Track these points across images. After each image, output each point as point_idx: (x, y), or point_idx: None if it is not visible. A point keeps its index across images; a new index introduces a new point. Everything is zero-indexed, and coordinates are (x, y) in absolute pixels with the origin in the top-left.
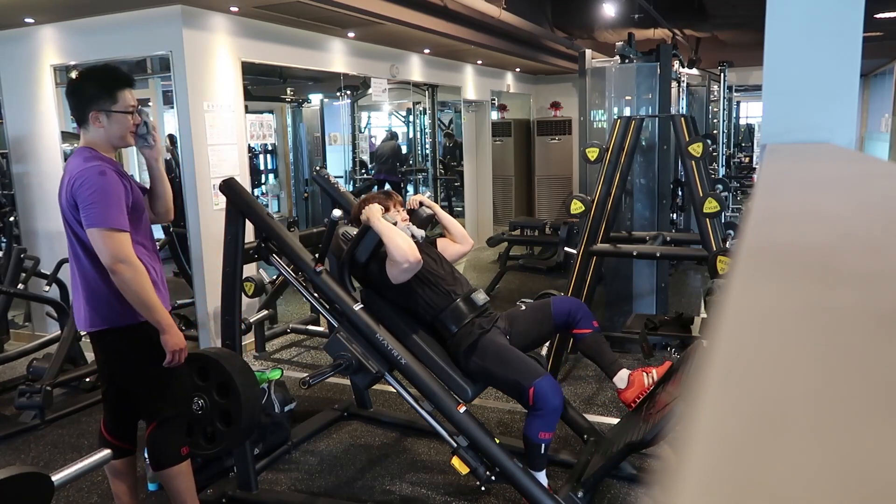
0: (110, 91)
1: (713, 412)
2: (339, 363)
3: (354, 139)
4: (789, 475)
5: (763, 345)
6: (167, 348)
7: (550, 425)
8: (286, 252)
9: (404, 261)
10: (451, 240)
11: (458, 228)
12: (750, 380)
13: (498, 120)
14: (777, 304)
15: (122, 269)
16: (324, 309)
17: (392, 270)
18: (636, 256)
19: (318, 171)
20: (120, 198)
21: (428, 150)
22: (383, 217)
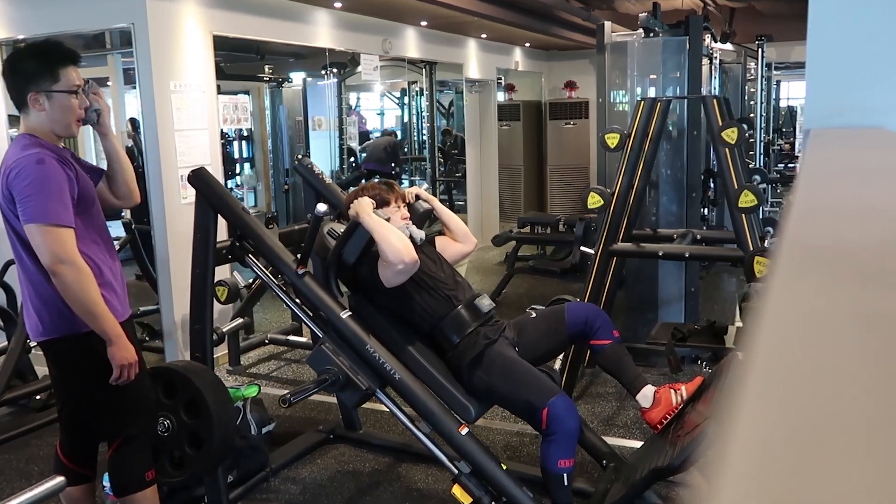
0: (51, 69)
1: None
2: (323, 378)
3: (342, 124)
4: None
5: (806, 357)
6: (114, 362)
7: (569, 450)
8: (264, 252)
9: (398, 261)
10: (451, 238)
11: (459, 225)
12: (792, 396)
13: (505, 102)
14: (822, 311)
15: (64, 271)
16: (306, 317)
17: (385, 272)
18: (662, 257)
19: (301, 159)
20: (62, 189)
21: (425, 137)
22: (374, 212)
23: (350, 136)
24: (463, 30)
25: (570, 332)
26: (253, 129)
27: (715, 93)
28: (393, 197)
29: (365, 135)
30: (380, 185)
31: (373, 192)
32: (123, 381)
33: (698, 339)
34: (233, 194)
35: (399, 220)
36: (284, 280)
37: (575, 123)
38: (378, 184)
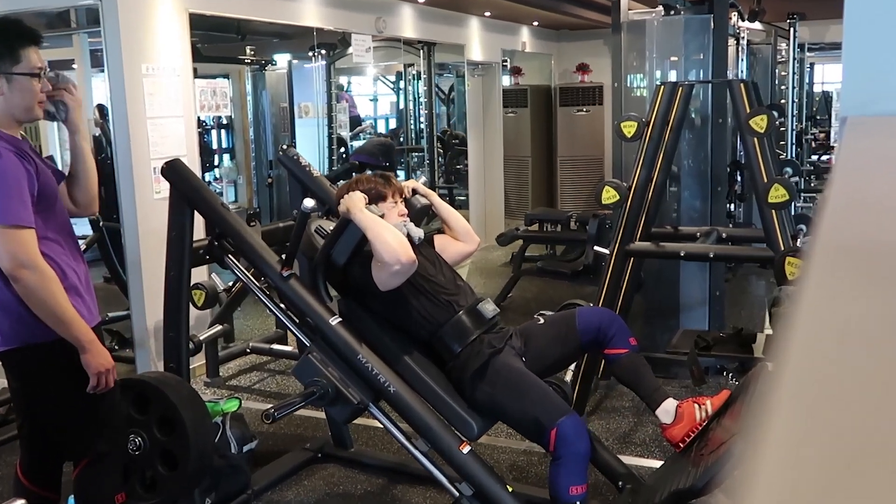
0: (11, 49)
1: (781, 453)
2: (311, 391)
3: (331, 111)
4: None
5: (843, 368)
6: (89, 370)
7: (580, 475)
8: (245, 252)
9: (394, 262)
10: (451, 237)
11: (460, 223)
12: (827, 412)
13: (511, 87)
14: (860, 317)
15: (26, 276)
16: (292, 323)
17: (379, 274)
18: (684, 258)
19: (285, 150)
20: (20, 186)
21: (423, 125)
22: (367, 208)
23: (340, 125)
24: (464, 7)
25: (582, 339)
26: (233, 117)
27: (742, 76)
28: (389, 191)
29: (356, 120)
30: (375, 178)
31: (367, 185)
32: (102, 388)
33: (724, 348)
34: (211, 188)
35: (395, 217)
36: (268, 283)
37: (588, 110)
38: (373, 176)
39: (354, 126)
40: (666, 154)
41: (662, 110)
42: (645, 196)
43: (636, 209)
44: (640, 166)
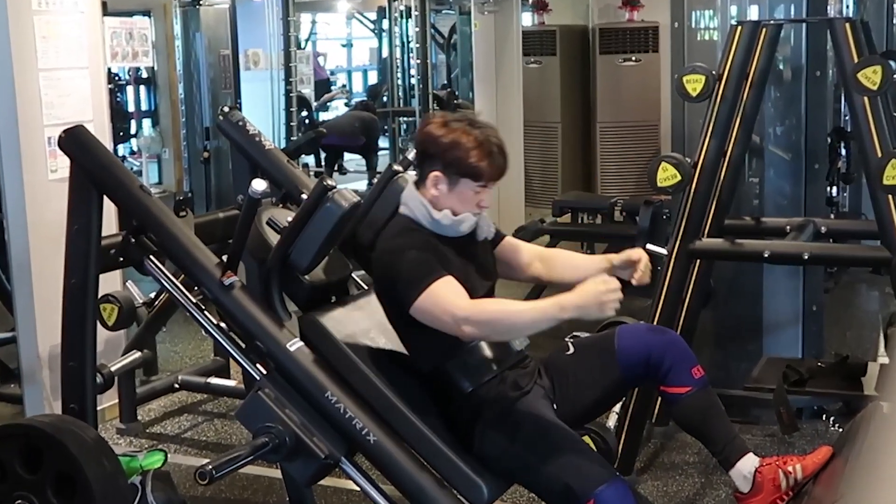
0: None
1: None
2: (262, 442)
3: (289, 60)
4: None
5: None
6: None
7: None
8: (172, 252)
9: (458, 332)
10: (539, 266)
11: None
12: None
13: (534, 27)
14: None
15: None
16: (236, 349)
17: (427, 313)
18: (768, 260)
19: (227, 113)
20: None
21: (414, 79)
22: (433, 176)
23: (302, 80)
24: None
25: (624, 373)
26: (156, 69)
27: (848, 14)
28: (492, 174)
29: (323, 85)
30: (480, 143)
31: (459, 152)
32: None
33: (823, 383)
34: (126, 166)
35: (472, 205)
36: (203, 294)
37: (638, 60)
38: (478, 137)
39: (321, 92)
40: (744, 119)
41: (739, 60)
42: (716, 176)
43: (704, 194)
44: (709, 136)
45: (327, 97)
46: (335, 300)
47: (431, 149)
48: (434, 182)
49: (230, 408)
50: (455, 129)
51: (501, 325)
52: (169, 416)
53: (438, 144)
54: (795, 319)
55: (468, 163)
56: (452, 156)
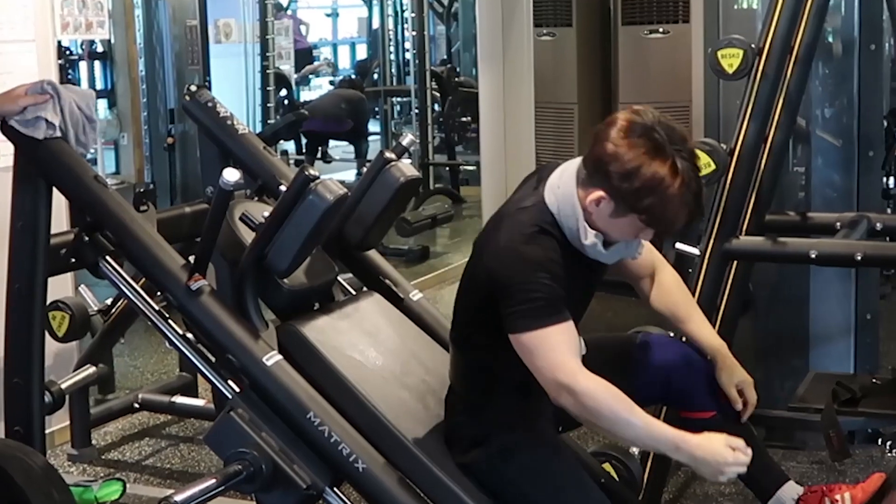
0: None
1: None
2: (234, 470)
3: (265, 32)
4: None
5: None
6: None
7: None
8: (132, 252)
9: (559, 398)
10: (648, 287)
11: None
12: None
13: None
14: None
15: None
16: (205, 364)
17: (522, 353)
18: (816, 261)
19: (194, 93)
20: None
21: (409, 54)
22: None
23: (280, 54)
24: None
25: (638, 391)
26: (113, 42)
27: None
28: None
29: (305, 55)
30: (687, 175)
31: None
32: None
33: (878, 403)
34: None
35: (628, 235)
36: (167, 300)
37: (666, 32)
38: (684, 166)
39: (303, 64)
40: (788, 100)
41: (783, 32)
42: (755, 165)
43: (742, 185)
44: (747, 119)
45: (310, 68)
46: (318, 307)
47: (615, 169)
48: (597, 201)
49: (198, 431)
50: (658, 159)
51: (605, 421)
52: (128, 440)
53: (628, 174)
54: (847, 330)
55: (665, 216)
56: (642, 199)
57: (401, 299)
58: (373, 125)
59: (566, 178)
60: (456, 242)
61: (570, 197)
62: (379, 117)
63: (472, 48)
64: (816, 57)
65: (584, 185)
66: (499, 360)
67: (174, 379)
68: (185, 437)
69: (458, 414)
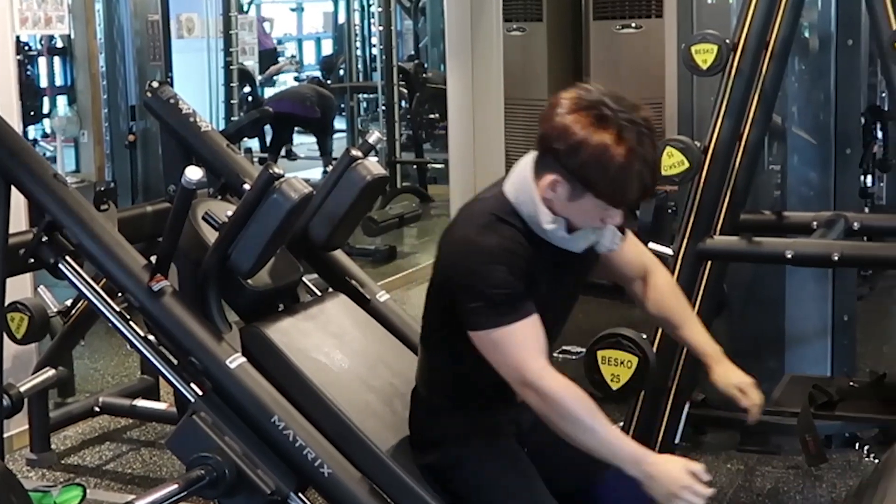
0: None
1: None
2: (197, 475)
3: (229, 27)
4: None
5: None
6: None
7: None
8: (92, 253)
9: (521, 390)
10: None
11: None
12: None
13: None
14: None
15: None
16: (167, 366)
17: (485, 351)
18: (791, 261)
19: (156, 89)
20: None
21: (375, 48)
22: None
23: (244, 50)
24: None
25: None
26: (73, 37)
27: None
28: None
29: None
30: (634, 141)
31: (606, 175)
32: None
33: (855, 407)
34: (37, 150)
35: (596, 220)
36: (128, 302)
37: (639, 27)
38: (631, 134)
39: (267, 65)
40: (764, 96)
41: (758, 27)
42: (730, 163)
43: (716, 184)
44: (722, 116)
45: (273, 69)
46: (283, 308)
47: (560, 146)
48: (551, 185)
49: (160, 435)
50: (602, 129)
51: (568, 424)
52: (88, 444)
53: (573, 148)
54: (823, 332)
55: (617, 189)
56: (588, 171)
57: (367, 300)
58: (339, 122)
59: (522, 166)
60: (424, 242)
61: (526, 183)
62: (345, 114)
63: (440, 43)
64: (792, 53)
65: (538, 171)
66: (463, 363)
67: (135, 382)
68: (147, 442)
69: (421, 413)
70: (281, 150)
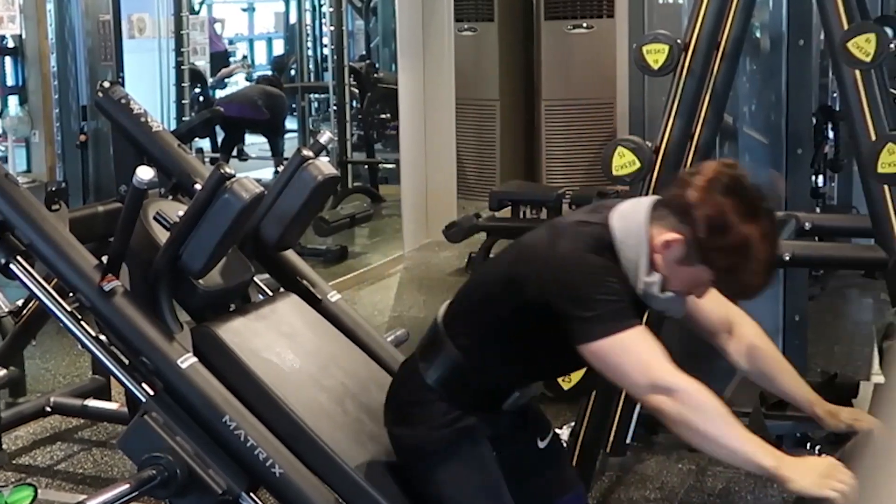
0: None
1: None
2: (148, 475)
3: (180, 27)
4: None
5: None
6: None
7: None
8: (43, 253)
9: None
10: (727, 341)
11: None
12: None
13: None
14: None
15: None
16: (118, 366)
17: (601, 363)
18: None
19: (108, 88)
20: None
21: (326, 48)
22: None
23: (195, 50)
24: None
25: None
26: (24, 37)
27: None
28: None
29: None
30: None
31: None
32: None
33: None
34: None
35: (681, 285)
36: (79, 302)
37: (590, 27)
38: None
39: (218, 67)
40: (715, 96)
41: (709, 26)
42: (681, 163)
43: (667, 184)
44: (673, 116)
45: (225, 72)
46: (234, 308)
47: (703, 221)
48: (667, 243)
49: (111, 435)
50: (751, 222)
51: (706, 422)
52: (39, 444)
53: (719, 229)
54: (774, 331)
55: (740, 279)
56: (722, 255)
57: (318, 300)
58: (290, 122)
59: (639, 210)
60: (375, 242)
61: (639, 229)
62: (296, 114)
63: (391, 43)
64: (744, 53)
65: (659, 224)
66: (478, 365)
67: (87, 382)
68: (98, 442)
69: (411, 384)
70: (232, 151)
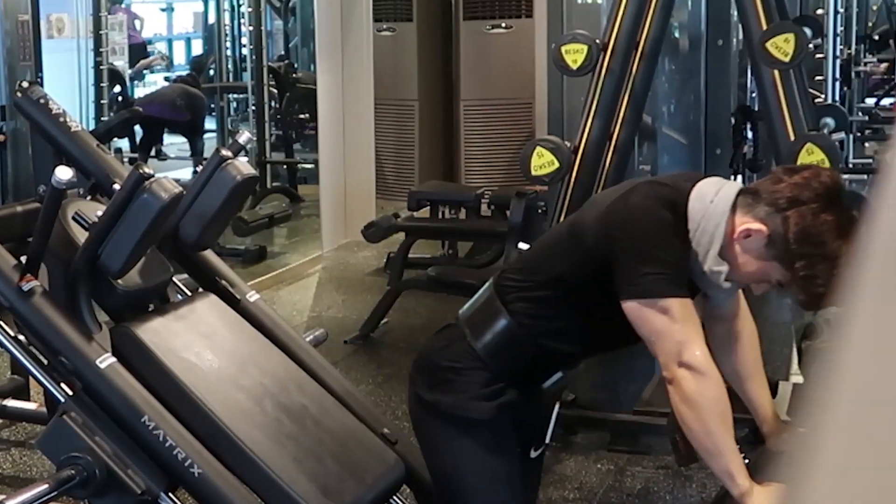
0: None
1: None
2: (67, 475)
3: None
4: None
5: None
6: None
7: None
8: None
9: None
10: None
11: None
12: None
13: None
14: None
15: None
16: (37, 366)
17: (638, 320)
18: None
19: (27, 88)
20: None
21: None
22: None
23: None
24: None
25: None
26: None
27: None
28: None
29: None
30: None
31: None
32: None
33: None
34: None
35: (753, 284)
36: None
37: (509, 27)
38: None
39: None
40: (634, 96)
41: (628, 27)
42: (600, 163)
43: (586, 183)
44: (592, 116)
45: (144, 63)
46: (153, 308)
47: (796, 223)
48: (749, 232)
49: (30, 435)
50: (844, 236)
51: (704, 411)
52: None
53: (812, 238)
54: None
55: (814, 290)
56: (811, 265)
57: (237, 300)
58: (209, 122)
59: (722, 194)
60: (294, 242)
61: (721, 215)
62: (215, 114)
63: (310, 43)
64: (663, 53)
65: (745, 213)
66: (526, 336)
67: (5, 382)
68: (17, 442)
69: (454, 350)
70: (151, 150)
